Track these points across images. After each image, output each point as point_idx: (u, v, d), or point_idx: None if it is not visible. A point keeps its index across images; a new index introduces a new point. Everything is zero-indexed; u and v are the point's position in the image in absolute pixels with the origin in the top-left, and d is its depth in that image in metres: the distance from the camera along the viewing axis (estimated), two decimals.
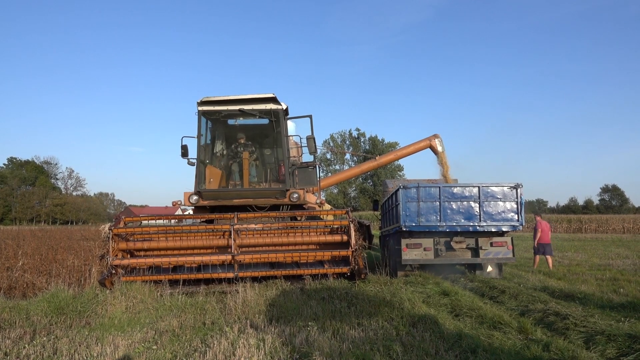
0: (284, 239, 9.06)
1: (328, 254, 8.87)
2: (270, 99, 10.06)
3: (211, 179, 10.37)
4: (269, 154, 11.31)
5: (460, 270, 12.05)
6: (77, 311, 7.11)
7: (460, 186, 10.65)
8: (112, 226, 8.70)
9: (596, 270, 12.53)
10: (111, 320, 6.80)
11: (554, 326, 6.23)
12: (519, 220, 10.42)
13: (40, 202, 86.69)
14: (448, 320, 6.59)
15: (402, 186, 10.63)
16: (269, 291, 8.03)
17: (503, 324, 6.21)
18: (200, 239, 9.02)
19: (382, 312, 6.76)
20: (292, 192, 9.94)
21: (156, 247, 9.04)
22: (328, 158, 71.58)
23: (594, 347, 5.25)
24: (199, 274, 8.67)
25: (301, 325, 6.12)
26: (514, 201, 10.46)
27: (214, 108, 10.17)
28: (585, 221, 52.57)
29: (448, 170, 15.98)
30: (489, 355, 4.89)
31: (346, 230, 8.97)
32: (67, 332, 6.14)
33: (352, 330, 5.87)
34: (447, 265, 11.28)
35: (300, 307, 7.03)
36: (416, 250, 10.66)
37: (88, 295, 7.63)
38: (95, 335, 5.89)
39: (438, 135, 16.47)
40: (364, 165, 18.69)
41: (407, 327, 6.04)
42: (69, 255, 11.32)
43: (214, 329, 6.15)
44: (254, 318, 6.68)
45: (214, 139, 10.94)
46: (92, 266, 9.93)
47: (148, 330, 6.18)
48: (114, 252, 8.61)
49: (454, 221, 10.45)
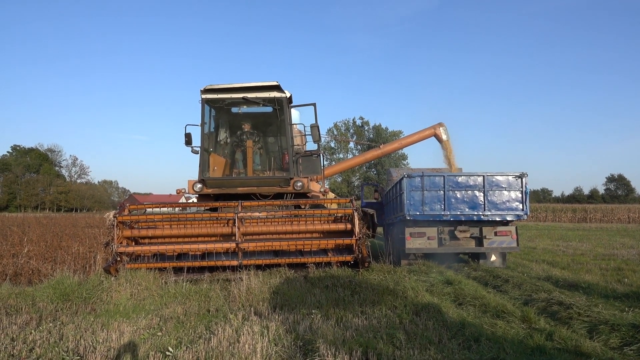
0: (288, 227, 9.08)
1: (332, 243, 8.89)
2: (274, 87, 10.02)
3: (215, 167, 10.37)
4: (272, 142, 11.28)
5: (464, 259, 12.06)
6: (83, 298, 7.18)
7: (464, 175, 10.61)
8: (117, 214, 8.74)
9: (600, 260, 12.51)
10: (116, 306, 6.87)
11: (558, 315, 6.24)
12: (523, 210, 10.39)
13: (44, 189, 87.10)
14: (451, 309, 6.61)
15: (406, 175, 10.61)
16: (272, 279, 8.08)
17: (506, 313, 6.22)
18: (205, 227, 9.05)
19: (386, 300, 6.79)
20: (296, 180, 9.93)
21: (160, 235, 9.09)
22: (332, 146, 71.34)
23: (598, 336, 5.26)
24: (203, 262, 8.72)
25: (305, 313, 6.16)
26: (518, 190, 10.42)
27: (218, 96, 10.13)
28: (590, 211, 52.39)
29: (453, 159, 15.92)
30: (492, 343, 4.91)
31: (350, 219, 8.97)
32: (72, 318, 6.21)
33: (355, 318, 5.91)
34: (451, 254, 11.28)
35: (304, 295, 7.07)
36: (420, 239, 10.67)
37: (93, 282, 7.70)
38: (101, 322, 5.95)
39: (443, 123, 16.37)
40: (368, 153, 18.61)
41: (410, 315, 6.07)
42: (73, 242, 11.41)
43: (218, 316, 6.20)
44: (257, 305, 6.73)
45: (218, 127, 10.92)
46: (97, 253, 10.01)
47: (153, 317, 6.24)
48: (118, 239, 8.66)
49: (458, 210, 10.44)
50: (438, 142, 16.39)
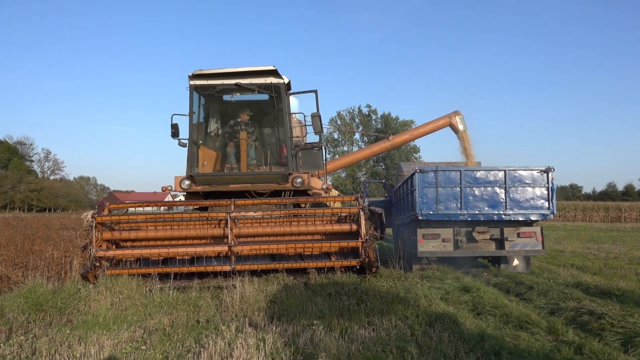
0: (287, 229, 9.09)
1: (335, 245, 8.91)
2: (270, 72, 10.01)
3: (205, 162, 10.38)
4: (269, 133, 11.29)
5: (483, 263, 12.07)
6: (58, 308, 7.19)
7: (483, 170, 10.61)
8: (95, 214, 8.75)
9: (636, 264, 12.52)
10: (95, 317, 6.89)
11: (588, 326, 6.25)
12: (549, 208, 10.39)
13: (13, 187, 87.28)
14: (469, 319, 6.63)
15: (419, 170, 10.62)
16: (269, 286, 8.10)
17: (530, 323, 6.23)
18: (194, 229, 9.06)
19: (396, 309, 6.81)
20: (295, 176, 9.94)
21: (144, 237, 9.10)
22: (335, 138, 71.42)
23: (633, 349, 5.27)
24: (192, 267, 8.74)
25: (305, 324, 6.18)
26: (544, 187, 10.42)
27: (208, 82, 10.13)
28: (624, 209, 52.42)
29: (470, 152, 15.93)
30: (514, 358, 4.92)
31: (356, 219, 8.98)
32: (46, 330, 6.23)
33: (361, 330, 5.92)
34: (469, 258, 11.31)
35: (304, 304, 7.10)
36: (434, 242, 10.69)
37: (69, 290, 7.72)
38: (78, 334, 5.97)
39: (459, 112, 16.39)
40: (375, 146, 18.65)
41: (423, 326, 6.09)
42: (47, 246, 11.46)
43: (208, 328, 6.22)
44: (253, 316, 6.75)
45: (208, 117, 10.93)
46: (74, 258, 10.04)
47: (136, 328, 6.26)
48: (97, 242, 8.68)
49: (476, 209, 10.45)
50: (454, 132, 16.42)
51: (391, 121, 70.55)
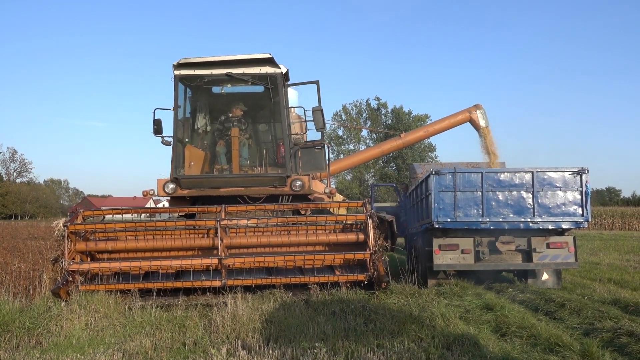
0: (284, 239, 9.12)
1: (340, 258, 8.93)
2: (265, 60, 10.04)
3: (192, 163, 10.41)
4: (264, 130, 11.32)
5: (508, 278, 12.06)
6: (26, 328, 7.21)
7: (508, 171, 10.62)
8: (68, 222, 8.79)
9: None
10: (68, 339, 6.90)
11: (627, 349, 6.25)
12: (583, 215, 10.38)
13: None
14: (492, 341, 6.64)
15: (434, 171, 10.62)
16: (265, 304, 8.11)
17: (562, 346, 6.24)
18: (179, 239, 9.10)
19: (409, 330, 6.82)
20: (294, 179, 9.97)
21: (123, 249, 9.14)
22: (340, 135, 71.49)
23: None
24: (177, 282, 8.76)
25: (306, 347, 6.19)
26: (577, 190, 10.42)
27: (195, 72, 10.17)
28: None
29: (493, 151, 15.92)
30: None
31: (363, 228, 9.00)
32: (12, 353, 6.26)
33: (370, 354, 5.93)
34: (491, 272, 11.29)
35: (304, 324, 7.10)
36: (452, 253, 10.68)
37: (39, 309, 7.74)
38: (49, 358, 5.99)
39: (480, 105, 16.36)
40: (385, 144, 18.63)
41: (439, 349, 6.10)
42: (13, 258, 11.46)
43: (196, 351, 6.24)
44: (246, 337, 6.76)
45: (195, 112, 10.97)
46: (43, 272, 10.03)
47: (114, 352, 6.27)
48: (70, 254, 8.71)
49: (500, 216, 10.45)
50: (474, 129, 16.39)
51: (403, 116, 70.53)
